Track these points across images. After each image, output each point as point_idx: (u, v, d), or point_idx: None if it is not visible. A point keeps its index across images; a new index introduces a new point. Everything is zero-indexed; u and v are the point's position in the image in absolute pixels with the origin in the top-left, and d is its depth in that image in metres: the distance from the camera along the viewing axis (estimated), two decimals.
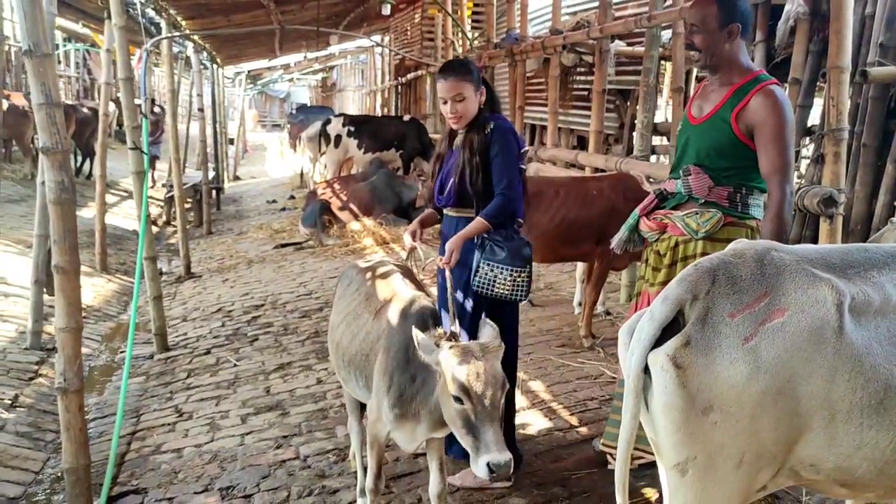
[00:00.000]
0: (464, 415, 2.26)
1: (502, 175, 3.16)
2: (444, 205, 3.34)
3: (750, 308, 1.80)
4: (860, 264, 1.91)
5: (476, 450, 2.23)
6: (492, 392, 2.25)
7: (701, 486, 1.82)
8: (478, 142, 3.19)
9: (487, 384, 2.24)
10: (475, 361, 2.27)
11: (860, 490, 1.95)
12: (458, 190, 3.23)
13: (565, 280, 6.93)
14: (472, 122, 3.22)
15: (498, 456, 2.17)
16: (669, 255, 2.93)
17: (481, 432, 2.22)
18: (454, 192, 3.25)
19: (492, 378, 2.26)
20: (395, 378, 2.62)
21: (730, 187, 2.84)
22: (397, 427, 2.66)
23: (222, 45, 13.43)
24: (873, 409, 1.79)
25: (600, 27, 6.29)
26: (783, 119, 2.68)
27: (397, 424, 2.64)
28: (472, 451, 2.25)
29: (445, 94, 3.16)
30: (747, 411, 1.77)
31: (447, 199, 3.30)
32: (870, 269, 1.90)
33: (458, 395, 2.26)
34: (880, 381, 1.79)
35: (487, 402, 2.23)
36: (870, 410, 1.79)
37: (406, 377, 2.59)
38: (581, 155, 6.82)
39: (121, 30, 5.44)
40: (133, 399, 4.84)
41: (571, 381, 4.57)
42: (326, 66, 28.62)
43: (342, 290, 3.22)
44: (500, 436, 2.23)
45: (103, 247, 8.36)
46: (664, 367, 1.78)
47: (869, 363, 1.79)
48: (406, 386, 2.59)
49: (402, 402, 2.60)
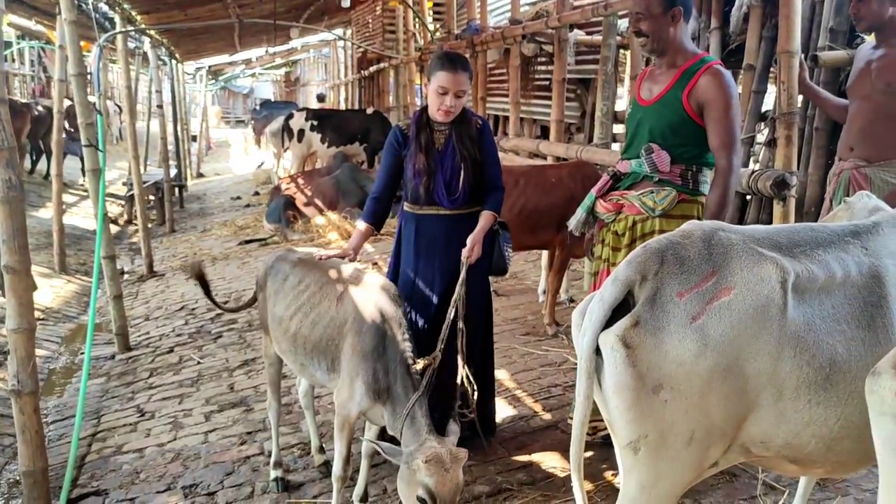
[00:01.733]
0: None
1: (496, 168, 3.37)
2: (456, 206, 3.28)
3: (698, 287, 1.82)
4: (806, 243, 1.95)
5: None
6: (451, 497, 2.46)
7: (653, 463, 1.85)
8: (472, 137, 3.26)
9: (452, 492, 2.46)
10: (444, 473, 2.46)
11: (809, 466, 2.00)
12: (471, 188, 3.26)
13: (530, 269, 6.97)
14: (457, 118, 3.25)
15: None
16: (628, 234, 3.04)
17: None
18: (467, 191, 3.26)
19: (455, 486, 2.47)
20: (369, 357, 2.76)
21: (682, 165, 2.99)
22: (370, 407, 2.79)
23: (181, 40, 13.24)
24: (819, 385, 1.83)
25: (558, 16, 6.32)
26: (729, 96, 2.88)
27: (370, 405, 2.78)
28: None
29: (450, 87, 3.12)
30: (696, 389, 1.79)
31: (460, 200, 3.27)
32: (815, 248, 1.94)
33: (423, 497, 2.45)
34: (825, 358, 1.83)
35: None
36: (816, 387, 1.83)
37: (379, 356, 2.75)
38: (542, 144, 6.85)
39: (71, 25, 5.32)
40: (94, 400, 4.76)
41: (535, 368, 4.60)
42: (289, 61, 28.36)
43: (278, 285, 3.18)
44: None
45: (62, 247, 8.21)
46: (614, 347, 1.80)
47: (813, 340, 1.83)
48: (379, 368, 2.74)
49: (377, 383, 2.74)
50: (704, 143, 2.93)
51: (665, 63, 3.02)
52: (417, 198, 3.31)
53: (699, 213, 3.00)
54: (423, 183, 3.23)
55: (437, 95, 3.15)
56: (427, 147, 3.24)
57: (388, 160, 3.37)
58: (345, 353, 2.84)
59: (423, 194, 3.26)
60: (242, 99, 45.98)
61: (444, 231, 3.31)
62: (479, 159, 3.26)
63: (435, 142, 3.27)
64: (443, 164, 3.24)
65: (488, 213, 3.29)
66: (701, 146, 2.95)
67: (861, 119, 3.55)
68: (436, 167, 3.23)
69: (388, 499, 3.23)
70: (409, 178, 3.28)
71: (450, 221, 3.30)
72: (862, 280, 1.92)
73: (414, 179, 3.26)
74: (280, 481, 3.37)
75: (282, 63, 28.56)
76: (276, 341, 3.20)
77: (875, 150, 3.50)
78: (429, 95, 3.22)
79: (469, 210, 3.31)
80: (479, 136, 3.28)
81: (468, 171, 3.23)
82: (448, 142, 3.26)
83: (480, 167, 3.28)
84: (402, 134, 3.33)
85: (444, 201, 3.27)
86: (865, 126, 3.53)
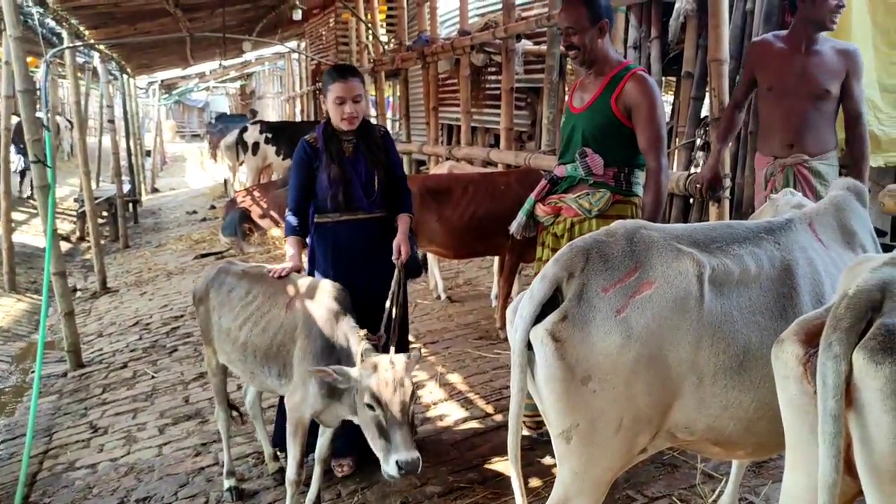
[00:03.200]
0: (376, 420, 2.52)
1: (402, 172, 3.57)
2: (373, 208, 3.38)
3: (621, 282, 1.93)
4: (723, 239, 2.07)
5: (387, 451, 2.48)
6: (400, 399, 2.49)
7: (585, 451, 1.94)
8: (377, 144, 3.41)
9: (396, 392, 2.50)
10: (385, 372, 2.52)
11: (731, 448, 2.11)
12: (384, 191, 3.39)
13: (483, 275, 7.07)
14: (360, 126, 3.34)
15: (406, 454, 2.43)
16: (566, 235, 3.20)
17: (391, 435, 2.47)
18: (382, 193, 3.39)
19: (401, 387, 2.51)
20: (320, 358, 2.81)
21: (615, 167, 3.17)
22: (324, 408, 2.84)
23: (131, 55, 13.11)
24: (735, 371, 1.94)
25: (505, 27, 6.46)
26: (654, 100, 3.09)
27: (324, 405, 2.83)
28: (384, 454, 2.50)
29: (346, 94, 3.23)
30: (622, 378, 1.89)
31: (377, 203, 3.39)
32: (731, 244, 2.06)
33: (370, 403, 2.51)
34: (740, 346, 1.95)
35: (397, 408, 2.49)
36: (732, 373, 1.94)
37: (330, 353, 2.80)
38: (493, 152, 6.97)
39: (16, 41, 5.29)
40: (45, 418, 4.72)
41: (488, 371, 4.69)
42: (244, 74, 28.19)
43: (223, 297, 3.21)
44: (408, 437, 2.47)
45: (11, 265, 8.09)
46: (544, 341, 1.89)
47: (729, 329, 1.95)
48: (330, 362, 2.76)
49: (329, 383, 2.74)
50: (634, 146, 3.12)
51: (593, 73, 3.23)
52: (336, 206, 3.33)
53: (633, 213, 3.17)
54: (342, 190, 3.30)
55: (336, 107, 3.25)
56: (339, 156, 3.31)
57: (300, 173, 3.37)
58: (296, 357, 2.90)
59: (343, 201, 3.31)
60: (198, 113, 45.48)
61: (362, 235, 3.40)
62: (386, 164, 3.41)
63: (345, 150, 3.35)
64: (356, 170, 3.34)
65: (406, 216, 3.44)
66: (631, 148, 3.14)
67: (799, 118, 3.71)
68: (351, 174, 3.32)
69: (342, 502, 3.28)
70: (325, 188, 3.31)
71: (368, 225, 3.40)
72: (775, 273, 2.04)
73: (331, 188, 3.30)
74: (234, 490, 3.40)
75: (236, 76, 28.38)
76: (223, 352, 3.25)
77: (815, 145, 3.71)
78: (329, 110, 3.30)
79: (383, 214, 3.43)
80: (383, 143, 3.45)
81: (380, 175, 3.37)
82: (357, 150, 3.36)
83: (390, 172, 3.43)
84: (310, 147, 3.36)
85: (364, 205, 3.35)
86: (806, 124, 3.70)
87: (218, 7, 9.06)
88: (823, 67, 3.64)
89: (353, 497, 3.31)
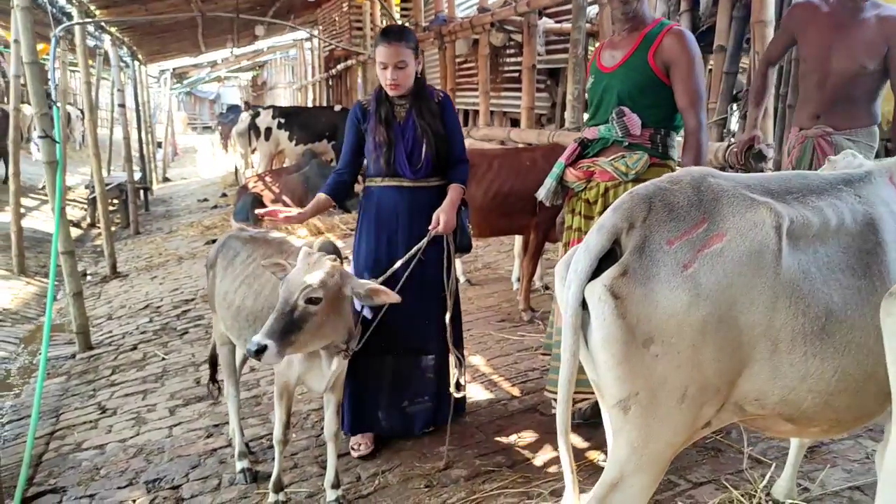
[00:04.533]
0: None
1: (460, 141, 3.35)
2: (419, 176, 3.21)
3: (688, 234, 1.72)
4: (799, 190, 1.86)
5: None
6: (289, 288, 2.46)
7: (644, 422, 1.74)
8: (432, 111, 3.22)
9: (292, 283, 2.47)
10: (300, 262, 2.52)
11: (805, 424, 1.90)
12: (433, 160, 3.20)
13: (503, 259, 6.87)
14: (416, 91, 3.19)
15: (258, 336, 2.35)
16: (601, 201, 3.03)
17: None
18: (430, 162, 3.20)
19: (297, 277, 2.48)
20: None
21: (651, 128, 3.00)
22: (307, 367, 2.76)
23: (143, 40, 12.95)
24: (816, 335, 1.73)
25: (527, 1, 6.23)
26: (694, 55, 2.92)
27: (306, 365, 2.75)
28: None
29: (387, 60, 3.08)
30: (688, 342, 1.69)
31: (424, 170, 3.20)
32: (808, 195, 1.85)
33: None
34: (821, 307, 1.74)
35: (282, 294, 2.46)
36: (812, 338, 1.73)
37: None
38: (514, 131, 6.76)
39: (24, 11, 5.11)
40: (53, 399, 4.55)
41: (512, 353, 4.49)
42: (255, 64, 28.03)
43: (227, 262, 3.15)
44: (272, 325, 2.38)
45: (20, 248, 7.93)
46: (602, 298, 1.68)
47: (809, 288, 1.74)
48: None
49: None
50: (671, 105, 2.97)
51: (627, 29, 3.05)
52: (379, 170, 3.24)
53: None
54: (383, 154, 3.17)
55: (381, 71, 3.13)
56: (387, 119, 3.19)
57: (350, 136, 3.32)
58: None
59: (384, 166, 3.20)
60: (209, 105, 45.37)
61: (406, 203, 3.23)
62: (441, 133, 3.22)
63: (396, 115, 3.22)
64: (404, 136, 3.19)
65: (457, 185, 3.25)
66: (668, 108, 2.98)
67: (832, 91, 3.48)
68: (396, 138, 3.18)
69: (362, 486, 3.09)
70: (371, 150, 3.23)
71: (411, 193, 3.23)
72: (856, 228, 1.83)
73: (375, 151, 3.20)
74: (247, 472, 3.22)
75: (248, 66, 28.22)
76: (222, 318, 3.13)
77: (843, 119, 3.47)
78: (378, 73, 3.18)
79: (431, 183, 3.25)
80: (440, 111, 3.25)
81: (430, 143, 3.18)
82: (409, 115, 3.20)
83: (444, 141, 3.24)
84: (362, 110, 3.30)
85: (407, 172, 3.20)
86: (836, 98, 3.48)
87: None
88: (860, 42, 3.36)
89: (374, 480, 3.12)
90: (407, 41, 3.11)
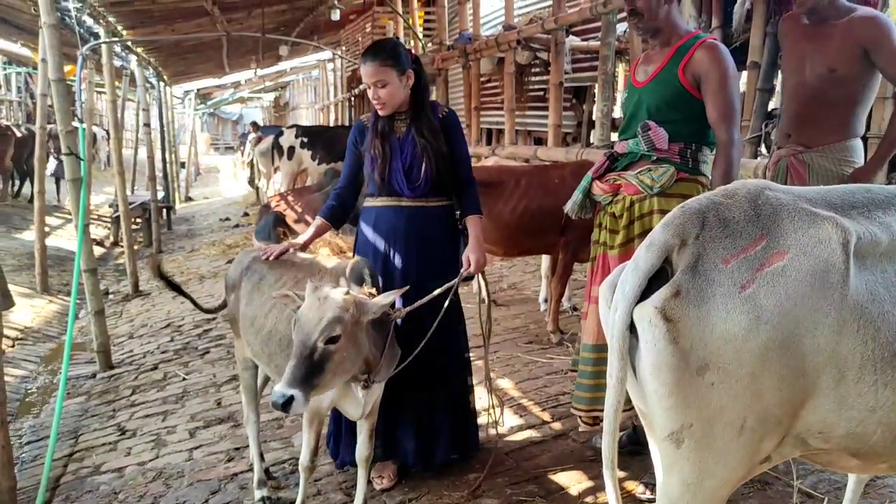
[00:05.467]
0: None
1: (466, 161, 3.18)
2: (416, 194, 3.04)
3: (745, 252, 1.59)
4: (863, 204, 1.72)
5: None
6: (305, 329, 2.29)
7: (699, 457, 1.60)
8: (432, 128, 3.04)
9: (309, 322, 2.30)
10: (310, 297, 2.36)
11: (873, 460, 1.75)
12: (433, 178, 3.02)
13: (529, 279, 6.74)
14: (415, 107, 3.04)
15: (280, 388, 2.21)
16: (626, 215, 2.91)
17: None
18: (429, 180, 3.02)
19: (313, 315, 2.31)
20: None
21: (681, 143, 2.87)
22: (341, 393, 2.63)
23: (168, 60, 13.06)
24: (887, 363, 1.59)
25: (555, 17, 6.15)
26: (726, 68, 2.77)
27: (340, 391, 2.61)
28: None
29: (367, 79, 2.96)
30: (747, 369, 1.55)
31: (423, 188, 3.03)
32: (874, 209, 1.71)
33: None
34: (892, 332, 1.60)
35: (298, 337, 2.30)
36: (883, 365, 1.59)
37: None
38: (540, 150, 6.66)
39: (51, 28, 5.11)
40: (72, 420, 4.47)
41: (541, 377, 4.35)
42: (278, 84, 28.25)
43: (252, 285, 2.99)
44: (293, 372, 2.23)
45: (44, 266, 7.94)
46: (652, 321, 1.56)
47: (878, 311, 1.60)
48: None
49: None
50: (703, 119, 2.81)
51: (659, 43, 2.95)
52: (376, 188, 3.07)
53: (699, 193, 2.78)
54: (378, 167, 2.99)
55: (368, 90, 3.00)
56: (383, 133, 3.03)
57: (348, 155, 3.17)
58: None
59: (380, 180, 3.02)
60: (231, 125, 45.85)
61: (404, 224, 3.06)
62: (443, 151, 3.03)
63: (395, 130, 3.06)
64: (402, 152, 3.01)
65: (475, 218, 3.10)
66: (699, 122, 2.83)
67: (797, 104, 3.28)
68: (393, 153, 3.01)
69: None
70: (367, 166, 3.06)
71: (410, 213, 3.05)
72: None
73: (370, 165, 3.04)
74: (267, 501, 3.10)
75: (271, 86, 28.44)
76: (249, 343, 2.99)
77: (813, 135, 3.22)
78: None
79: (431, 203, 3.08)
80: (442, 127, 3.06)
81: (430, 160, 2.99)
82: (408, 131, 3.04)
83: (447, 159, 3.05)
84: (361, 128, 3.14)
85: (404, 189, 3.02)
86: (802, 111, 3.26)
87: (255, 7, 8.90)
88: (832, 47, 3.13)
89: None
90: (384, 59, 2.91)
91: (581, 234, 4.43)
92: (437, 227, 3.11)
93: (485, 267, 3.07)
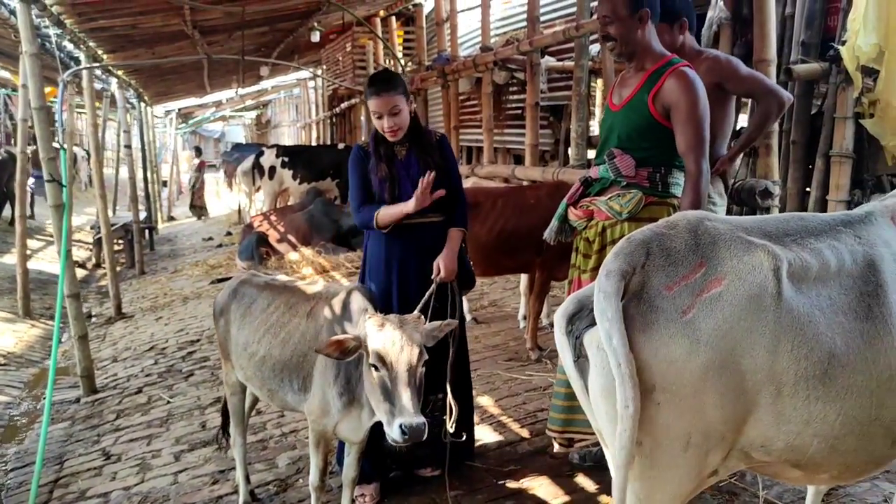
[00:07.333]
0: (381, 381, 2.36)
1: (458, 178, 3.36)
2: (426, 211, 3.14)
3: (686, 279, 1.72)
4: (797, 231, 1.86)
5: (391, 415, 2.32)
6: (407, 358, 2.35)
7: (649, 473, 1.72)
8: (432, 145, 3.23)
9: (402, 350, 2.35)
10: (391, 330, 2.39)
11: (814, 471, 1.87)
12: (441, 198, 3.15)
13: (509, 296, 6.85)
14: (413, 132, 3.20)
15: (411, 418, 2.26)
16: (598, 240, 2.99)
17: (396, 397, 2.32)
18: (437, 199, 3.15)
19: (407, 345, 2.37)
20: (340, 366, 2.64)
21: (649, 167, 2.93)
22: (344, 416, 2.69)
23: (149, 81, 13.13)
24: (818, 379, 1.72)
25: (530, 40, 6.30)
26: (696, 98, 2.80)
27: (344, 413, 2.68)
28: (388, 417, 2.34)
29: (381, 110, 3.06)
30: (690, 388, 1.67)
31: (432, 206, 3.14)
32: (806, 237, 1.85)
33: (374, 363, 2.38)
34: (823, 350, 1.72)
35: (402, 367, 2.34)
36: (815, 381, 1.71)
37: (351, 364, 2.61)
38: (518, 169, 6.79)
39: (32, 57, 5.19)
40: (56, 445, 4.52)
41: (520, 393, 4.45)
42: (260, 102, 28.34)
43: (243, 310, 3.07)
44: (415, 401, 2.31)
45: (26, 290, 7.96)
46: (600, 346, 1.68)
47: (811, 331, 1.72)
48: (352, 372, 2.62)
49: (349, 389, 2.64)
50: (673, 145, 2.85)
51: (634, 67, 2.98)
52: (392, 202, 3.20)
53: (669, 215, 2.88)
54: (387, 189, 3.14)
55: (376, 120, 3.12)
56: (388, 157, 3.18)
57: (357, 172, 3.26)
58: (317, 366, 2.73)
59: (390, 202, 3.15)
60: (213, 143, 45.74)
61: (415, 240, 3.20)
62: (442, 168, 3.19)
63: (396, 154, 3.21)
64: (409, 173, 3.17)
65: (457, 230, 3.23)
66: (669, 148, 2.87)
67: None
68: (400, 176, 3.16)
69: None
70: (376, 190, 3.19)
71: (418, 230, 3.19)
72: (857, 269, 1.83)
73: (379, 187, 3.17)
74: None
75: (253, 105, 28.52)
76: (241, 368, 3.06)
77: None
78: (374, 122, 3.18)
79: (434, 219, 3.21)
80: (439, 146, 3.25)
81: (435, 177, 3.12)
82: (409, 153, 3.20)
83: (445, 175, 3.19)
84: (363, 150, 3.26)
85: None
86: None
87: (236, 30, 9.00)
88: None
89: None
90: (395, 88, 3.07)
91: (557, 254, 4.54)
92: (442, 240, 3.20)
93: (454, 275, 3.15)
